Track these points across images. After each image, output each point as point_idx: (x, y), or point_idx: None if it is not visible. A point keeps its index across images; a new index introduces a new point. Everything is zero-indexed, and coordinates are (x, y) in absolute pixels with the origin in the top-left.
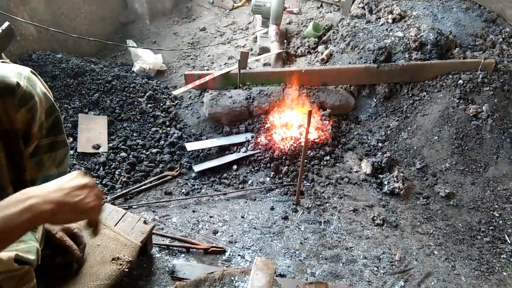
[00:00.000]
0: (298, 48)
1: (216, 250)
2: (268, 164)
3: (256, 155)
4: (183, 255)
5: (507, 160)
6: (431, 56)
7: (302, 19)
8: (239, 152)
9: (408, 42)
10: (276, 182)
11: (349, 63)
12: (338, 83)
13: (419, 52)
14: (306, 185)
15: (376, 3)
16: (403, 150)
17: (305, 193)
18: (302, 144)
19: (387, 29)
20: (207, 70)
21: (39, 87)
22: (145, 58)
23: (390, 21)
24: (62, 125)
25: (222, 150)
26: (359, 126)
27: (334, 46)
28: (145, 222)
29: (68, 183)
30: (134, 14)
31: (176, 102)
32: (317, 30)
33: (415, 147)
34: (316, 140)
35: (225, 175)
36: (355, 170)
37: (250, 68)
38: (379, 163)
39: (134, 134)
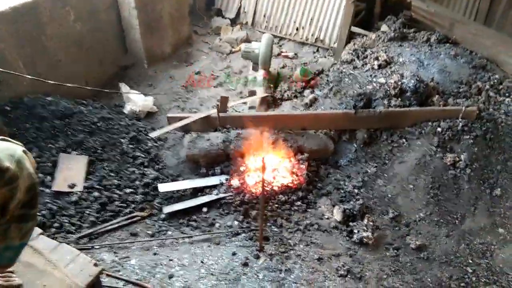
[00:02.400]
0: (285, 92)
1: None
2: (238, 208)
3: (227, 198)
4: None
5: (486, 212)
6: (411, 103)
7: (297, 63)
8: (211, 194)
9: (388, 89)
10: (243, 226)
11: (330, 108)
12: (317, 128)
13: (399, 99)
14: (273, 231)
15: (363, 49)
16: (378, 198)
17: (271, 239)
18: (276, 188)
19: (371, 75)
20: (195, 112)
21: (26, 168)
22: (136, 101)
23: (375, 67)
24: (37, 200)
25: (197, 192)
26: (338, 171)
27: (320, 91)
28: (95, 265)
29: None
30: (133, 58)
31: (159, 143)
32: (306, 74)
33: (389, 195)
34: (290, 185)
35: (194, 217)
36: (326, 216)
37: (234, 111)
38: (351, 210)
39: (112, 174)
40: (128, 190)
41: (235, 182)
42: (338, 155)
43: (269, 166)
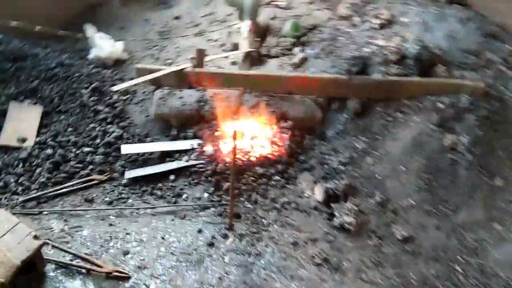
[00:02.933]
0: (272, 48)
1: (120, 276)
2: (209, 178)
3: (198, 166)
4: (81, 276)
5: (483, 205)
6: (412, 72)
7: (289, 14)
8: (180, 160)
9: (387, 54)
10: (213, 200)
11: (322, 71)
12: (304, 93)
13: (398, 66)
14: (246, 207)
15: (364, 3)
16: (365, 178)
17: (243, 216)
18: (252, 159)
19: (369, 36)
20: (171, 63)
21: None
22: (103, 46)
23: (376, 26)
24: None
25: (165, 156)
26: (324, 143)
27: (311, 50)
28: (35, 237)
29: None
30: None
31: (127, 96)
32: (296, 30)
33: (378, 176)
34: (269, 156)
35: (159, 185)
36: (306, 195)
37: (213, 66)
38: (334, 190)
39: (69, 129)
40: (86, 149)
41: (208, 148)
42: (326, 125)
43: (247, 133)
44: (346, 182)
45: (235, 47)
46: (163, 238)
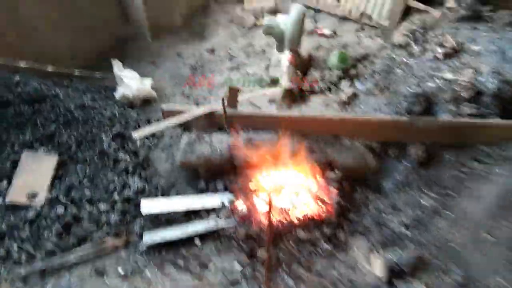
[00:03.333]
0: (316, 82)
1: None
2: (242, 244)
3: (229, 229)
4: None
5: None
6: (491, 111)
7: (335, 43)
8: (208, 220)
9: (458, 89)
10: (247, 273)
11: (375, 110)
12: (355, 137)
13: (473, 105)
14: (287, 285)
15: (423, 31)
16: (438, 247)
17: None
18: (294, 219)
19: (433, 67)
20: (203, 103)
21: None
22: (130, 84)
23: (439, 56)
24: None
25: (191, 214)
26: (380, 197)
27: (362, 84)
28: None
29: None
30: (135, 28)
31: (152, 142)
32: (343, 61)
33: (455, 245)
34: (313, 216)
35: (183, 251)
36: (361, 267)
37: (249, 105)
38: (399, 264)
39: (84, 181)
40: (102, 207)
41: (240, 205)
42: (382, 176)
43: (287, 186)
44: (413, 256)
45: (274, 82)
46: None
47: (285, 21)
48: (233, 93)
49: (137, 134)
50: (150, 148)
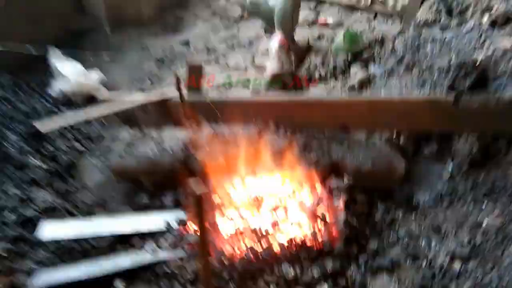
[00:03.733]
0: (316, 69)
1: None
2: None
3: (171, 263)
4: None
5: None
6: None
7: (339, 33)
8: (141, 251)
9: None
10: None
11: (400, 95)
12: (372, 128)
13: None
14: None
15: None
16: None
17: None
18: (275, 247)
19: (479, 38)
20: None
21: None
22: (70, 77)
23: (484, 26)
24: None
25: (126, 240)
26: (413, 216)
27: (378, 67)
28: None
29: None
30: (91, 19)
31: (87, 144)
32: (353, 42)
33: None
34: (307, 242)
35: None
36: None
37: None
38: None
39: None
40: None
41: (195, 228)
42: (416, 184)
43: (269, 199)
44: None
45: (260, 72)
46: None
47: None
48: (195, 71)
49: (42, 126)
50: (80, 153)
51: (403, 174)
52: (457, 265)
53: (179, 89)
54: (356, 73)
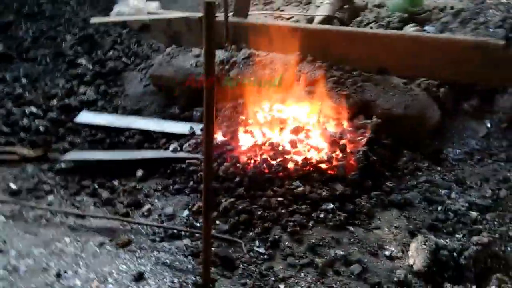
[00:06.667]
0: (367, 24)
1: None
2: (201, 186)
3: (188, 160)
4: None
5: None
6: None
7: None
8: (164, 148)
9: None
10: (196, 225)
11: None
12: (412, 72)
13: None
14: (254, 251)
15: None
16: None
17: (240, 268)
18: (289, 164)
19: None
20: None
21: None
22: (130, 1)
23: None
24: None
25: (153, 141)
26: (438, 168)
27: (432, 26)
28: None
29: None
30: None
31: (133, 60)
32: (413, 2)
33: None
34: (321, 166)
35: (115, 183)
36: (389, 252)
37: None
38: (453, 253)
39: (22, 80)
40: (30, 109)
41: (219, 134)
42: (447, 139)
43: (293, 123)
44: (482, 242)
45: (309, 22)
46: (58, 275)
47: None
48: None
49: (96, 19)
50: (127, 65)
51: (436, 125)
52: (474, 213)
53: (225, 8)
54: (410, 30)
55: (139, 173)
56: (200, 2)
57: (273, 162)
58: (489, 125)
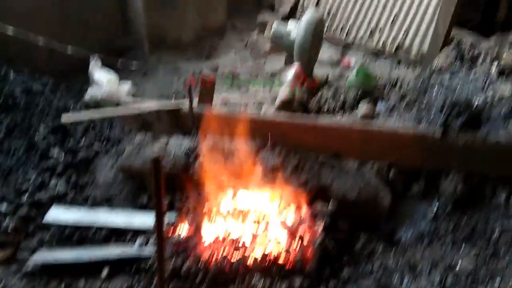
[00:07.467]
0: (326, 102)
1: None
2: (167, 285)
3: (153, 259)
4: None
5: None
6: None
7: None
8: (128, 246)
9: None
10: None
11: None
12: (363, 157)
13: None
14: None
15: (471, 48)
16: None
17: None
18: (249, 259)
19: (483, 84)
20: None
21: None
22: (103, 84)
23: (493, 75)
24: None
25: (119, 235)
26: (392, 251)
27: (383, 104)
28: None
29: None
30: (132, 40)
31: (105, 146)
32: (365, 78)
33: None
34: (280, 260)
35: (80, 283)
36: None
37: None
38: None
39: None
40: (2, 207)
41: (183, 230)
42: (400, 220)
43: (253, 212)
44: None
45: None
46: None
47: (295, 28)
48: (207, 84)
49: (66, 118)
50: (98, 152)
51: (388, 208)
52: None
53: (190, 100)
54: (363, 108)
55: (105, 272)
56: (174, 79)
57: (234, 259)
58: (435, 208)
